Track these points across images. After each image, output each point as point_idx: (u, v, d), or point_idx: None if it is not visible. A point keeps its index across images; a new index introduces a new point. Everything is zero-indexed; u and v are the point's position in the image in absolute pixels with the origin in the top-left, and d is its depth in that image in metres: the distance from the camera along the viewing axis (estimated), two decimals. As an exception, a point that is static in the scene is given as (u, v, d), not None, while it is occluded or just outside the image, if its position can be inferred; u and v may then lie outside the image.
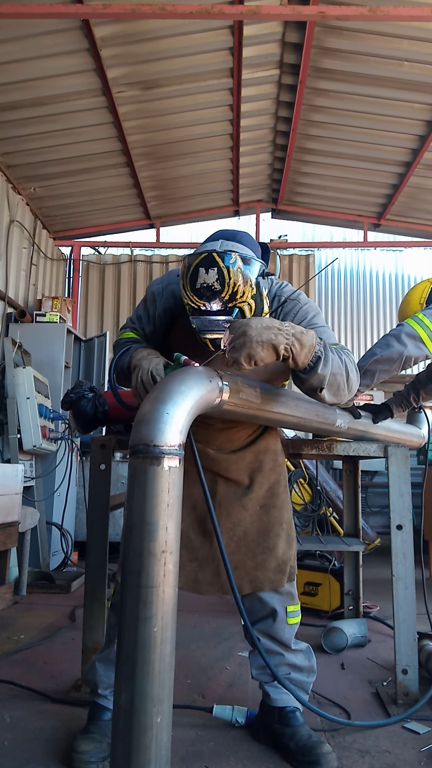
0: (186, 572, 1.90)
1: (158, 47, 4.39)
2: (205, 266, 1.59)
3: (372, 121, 5.30)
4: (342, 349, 1.76)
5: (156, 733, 1.19)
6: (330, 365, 1.66)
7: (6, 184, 5.46)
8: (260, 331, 1.53)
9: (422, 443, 3.10)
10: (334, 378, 1.68)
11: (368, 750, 1.92)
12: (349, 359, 1.75)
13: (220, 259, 1.58)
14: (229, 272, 1.58)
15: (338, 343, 1.82)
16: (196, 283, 1.59)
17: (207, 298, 1.59)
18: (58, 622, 3.28)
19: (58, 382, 5.22)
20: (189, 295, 1.62)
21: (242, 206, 7.18)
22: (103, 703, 1.94)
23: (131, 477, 1.29)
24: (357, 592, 3.23)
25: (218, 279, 1.57)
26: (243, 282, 1.59)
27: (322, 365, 1.64)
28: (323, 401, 1.74)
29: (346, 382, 1.73)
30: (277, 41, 4.70)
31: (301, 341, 1.59)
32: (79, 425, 2.60)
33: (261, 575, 1.92)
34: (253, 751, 1.91)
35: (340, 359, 1.71)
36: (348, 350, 1.80)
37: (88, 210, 6.62)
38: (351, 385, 1.75)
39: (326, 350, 1.66)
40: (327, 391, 1.69)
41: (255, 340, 1.52)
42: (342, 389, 1.73)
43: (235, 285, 1.58)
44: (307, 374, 1.66)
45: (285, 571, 1.95)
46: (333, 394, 1.72)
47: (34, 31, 4.01)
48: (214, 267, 1.58)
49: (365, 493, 6.22)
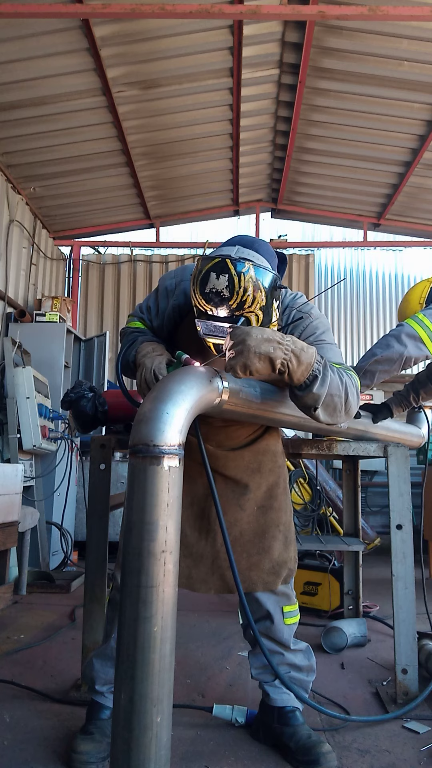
0: (179, 568, 1.91)
1: (158, 47, 4.39)
2: (217, 271, 1.57)
3: (372, 121, 5.30)
4: (345, 371, 1.74)
5: (156, 733, 1.19)
6: (327, 385, 1.64)
7: (6, 183, 5.46)
8: (259, 342, 1.52)
9: (422, 443, 3.10)
10: (331, 399, 1.66)
11: (368, 749, 1.92)
12: (350, 381, 1.72)
13: (232, 266, 1.57)
14: (240, 280, 1.56)
15: (343, 363, 1.80)
16: (206, 287, 1.58)
17: (215, 303, 1.59)
18: (57, 622, 3.28)
19: (57, 381, 5.22)
20: (197, 297, 1.61)
21: (242, 206, 7.18)
22: (101, 701, 1.94)
23: (131, 476, 1.29)
24: (357, 592, 3.24)
25: (228, 286, 1.56)
26: (253, 291, 1.57)
27: (318, 384, 1.62)
28: (317, 420, 1.71)
29: (344, 404, 1.70)
30: (276, 41, 4.70)
31: (299, 358, 1.58)
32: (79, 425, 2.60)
33: (255, 576, 1.93)
34: (253, 750, 1.91)
35: (341, 380, 1.68)
36: (352, 371, 1.78)
37: (87, 210, 6.62)
38: (349, 407, 1.72)
39: (325, 369, 1.64)
40: (322, 410, 1.67)
41: (253, 351, 1.52)
42: (338, 411, 1.70)
43: (245, 294, 1.57)
44: (302, 391, 1.65)
45: (279, 573, 1.94)
46: (328, 415, 1.69)
47: (33, 31, 4.00)
48: (226, 273, 1.57)
49: (365, 493, 6.22)
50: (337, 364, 1.75)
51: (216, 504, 1.65)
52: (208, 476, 1.63)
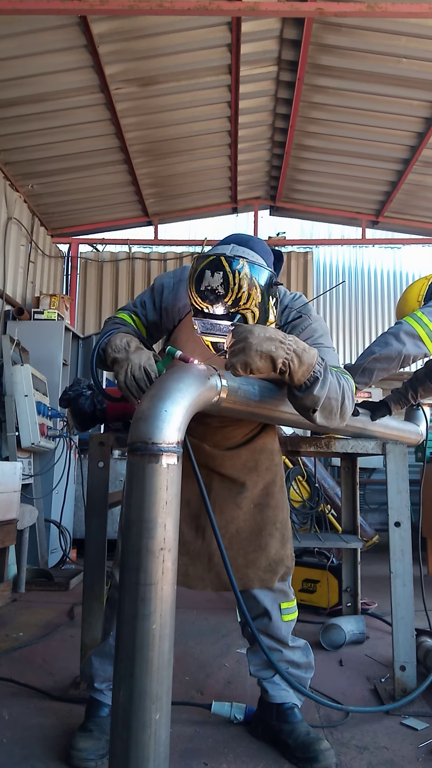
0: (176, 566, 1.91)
1: (156, 44, 4.38)
2: (212, 269, 1.58)
3: (370, 118, 5.30)
4: (342, 374, 1.74)
5: (155, 730, 1.19)
6: (327, 388, 1.64)
7: (3, 181, 5.44)
8: (261, 340, 1.52)
9: (420, 440, 3.10)
10: (329, 401, 1.66)
11: (366, 746, 1.93)
12: (347, 385, 1.72)
13: (227, 264, 1.57)
14: (235, 277, 1.57)
15: (340, 367, 1.80)
16: (201, 285, 1.59)
17: (210, 301, 1.59)
18: (56, 620, 3.28)
19: (56, 379, 5.21)
20: (193, 296, 1.62)
21: (240, 203, 7.17)
22: (100, 698, 1.94)
23: (129, 474, 1.29)
24: (355, 589, 3.24)
25: (223, 283, 1.57)
26: (248, 289, 1.58)
27: (318, 386, 1.62)
28: (314, 422, 1.71)
29: (340, 407, 1.70)
30: (275, 38, 4.69)
31: (301, 358, 1.57)
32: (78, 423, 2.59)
33: (251, 573, 1.93)
34: (252, 747, 1.92)
35: (338, 384, 1.69)
36: (348, 375, 1.78)
37: (86, 207, 6.61)
38: (345, 411, 1.72)
39: (326, 372, 1.64)
40: (319, 413, 1.67)
41: (255, 349, 1.51)
42: (335, 414, 1.70)
43: (240, 291, 1.57)
44: (302, 393, 1.64)
45: (276, 571, 1.95)
46: (325, 417, 1.70)
47: (31, 28, 3.99)
48: (221, 271, 1.57)
49: (363, 490, 6.23)
50: (335, 367, 1.75)
51: (206, 503, 1.64)
52: (196, 474, 1.62)
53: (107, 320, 1.99)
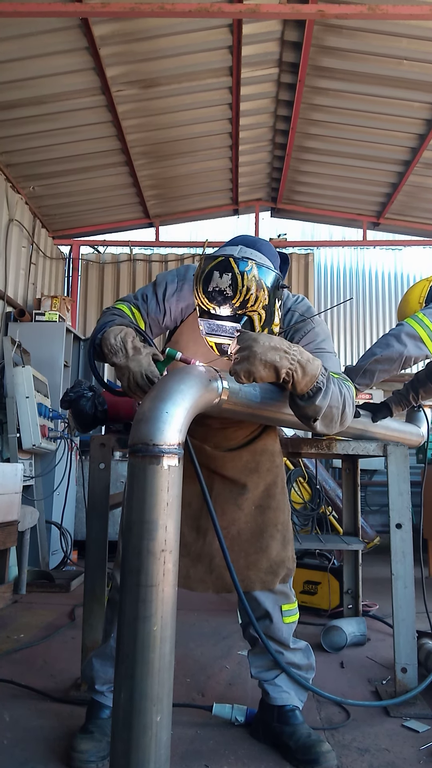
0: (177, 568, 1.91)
1: (157, 46, 4.38)
2: (220, 270, 1.58)
3: (371, 120, 5.30)
4: (343, 381, 1.74)
5: (155, 732, 1.19)
6: (329, 398, 1.63)
7: (5, 182, 5.45)
8: (266, 349, 1.51)
9: (421, 442, 3.10)
10: (330, 411, 1.66)
11: (367, 748, 1.92)
12: (348, 393, 1.72)
13: (235, 265, 1.57)
14: (243, 279, 1.57)
15: (341, 374, 1.80)
16: (209, 285, 1.59)
17: (218, 302, 1.59)
18: (57, 621, 3.28)
19: (57, 381, 5.22)
20: (200, 296, 1.61)
21: (241, 205, 7.17)
22: (101, 700, 1.94)
23: (130, 476, 1.29)
24: (356, 591, 3.24)
25: (231, 285, 1.57)
26: (255, 291, 1.58)
27: (321, 397, 1.61)
28: (313, 430, 1.71)
29: (341, 415, 1.70)
30: (276, 40, 4.69)
31: (305, 369, 1.57)
32: (79, 424, 2.60)
33: (252, 575, 1.93)
34: (253, 749, 1.91)
35: (340, 392, 1.69)
36: (349, 382, 1.78)
37: (87, 209, 6.62)
38: (345, 419, 1.73)
39: (328, 382, 1.64)
40: (320, 422, 1.67)
41: (259, 358, 1.51)
42: (335, 422, 1.71)
43: (248, 292, 1.57)
44: (304, 402, 1.64)
45: (277, 573, 1.94)
46: (325, 426, 1.70)
47: (32, 30, 4.00)
48: (229, 272, 1.57)
49: (364, 492, 6.22)
50: (335, 374, 1.75)
51: (208, 504, 1.64)
52: (198, 476, 1.62)
53: (105, 310, 1.95)
